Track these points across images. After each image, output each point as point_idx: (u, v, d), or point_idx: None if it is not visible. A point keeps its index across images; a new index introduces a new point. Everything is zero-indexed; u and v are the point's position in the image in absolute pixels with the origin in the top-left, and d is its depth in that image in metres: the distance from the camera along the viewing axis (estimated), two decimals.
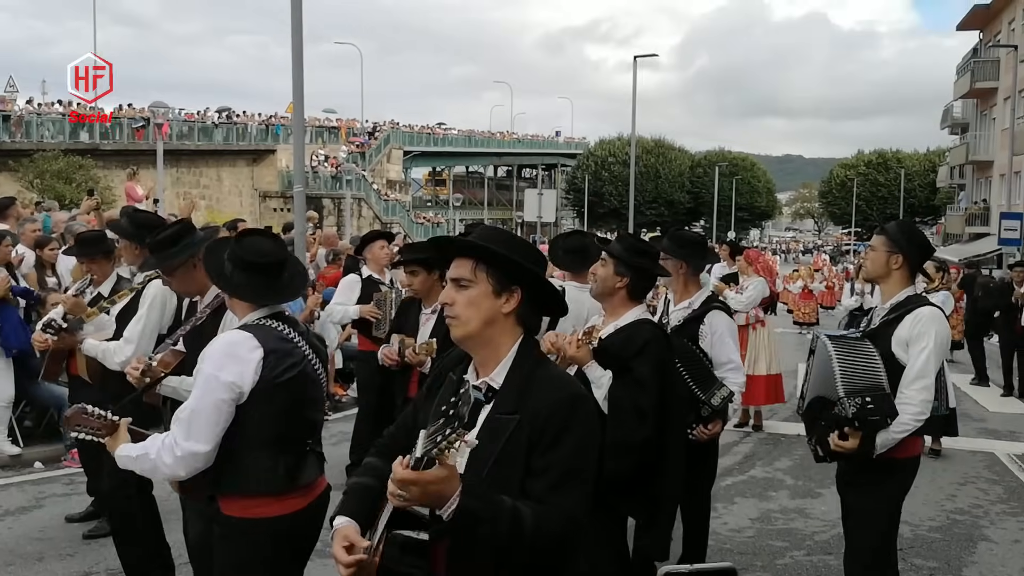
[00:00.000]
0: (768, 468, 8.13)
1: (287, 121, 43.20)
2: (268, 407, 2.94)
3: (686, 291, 4.83)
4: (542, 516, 2.08)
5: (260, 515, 2.97)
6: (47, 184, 23.25)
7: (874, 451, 3.74)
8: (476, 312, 2.27)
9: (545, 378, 2.26)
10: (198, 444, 2.88)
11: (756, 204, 76.37)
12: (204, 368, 2.92)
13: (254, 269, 3.10)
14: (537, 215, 21.60)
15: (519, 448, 2.16)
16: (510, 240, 2.38)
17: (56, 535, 5.86)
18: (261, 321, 3.07)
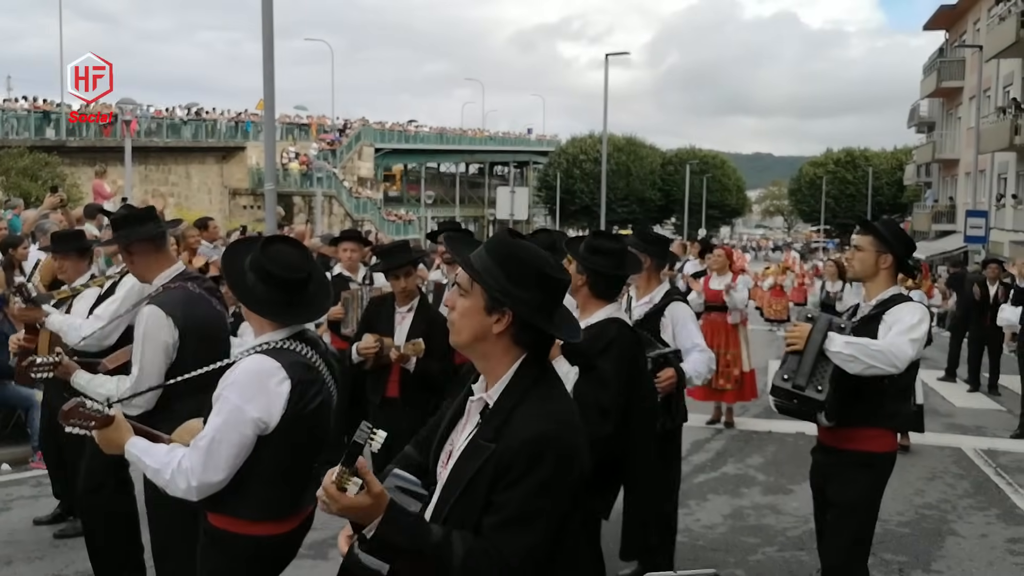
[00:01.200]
0: (740, 465, 8.19)
1: (257, 118, 42.86)
2: (286, 439, 2.84)
3: (648, 286, 4.96)
4: (474, 557, 2.04)
5: (248, 532, 2.91)
6: (12, 182, 22.83)
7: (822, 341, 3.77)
8: (468, 324, 2.22)
9: (530, 410, 2.14)
10: (215, 476, 2.78)
11: (727, 202, 76.90)
12: (229, 397, 2.79)
13: (279, 284, 2.90)
14: (509, 213, 21.62)
15: (484, 480, 2.11)
16: (514, 258, 2.20)
17: (24, 538, 5.78)
18: (285, 344, 2.90)
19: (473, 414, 2.28)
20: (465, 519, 2.11)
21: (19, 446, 7.66)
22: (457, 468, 2.20)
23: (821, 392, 3.78)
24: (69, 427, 2.91)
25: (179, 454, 2.84)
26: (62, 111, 32.62)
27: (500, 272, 2.17)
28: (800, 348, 3.86)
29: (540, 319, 2.18)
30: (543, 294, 2.20)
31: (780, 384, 3.91)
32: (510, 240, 2.25)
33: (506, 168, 77.81)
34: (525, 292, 2.17)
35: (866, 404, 3.87)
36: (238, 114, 43.62)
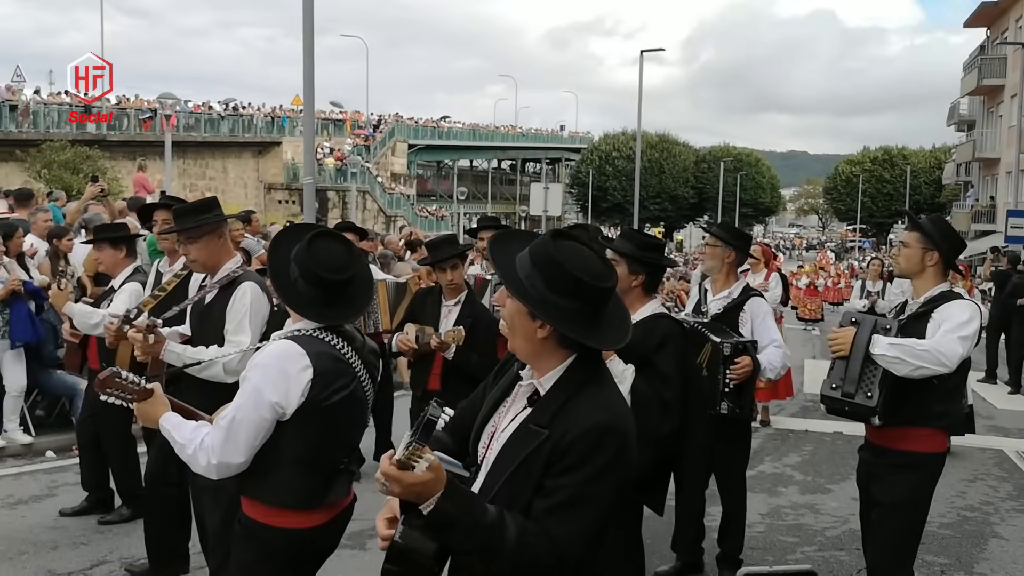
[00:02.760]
0: (777, 463, 8.14)
1: (293, 113, 43.23)
2: (307, 428, 2.85)
3: (727, 281, 5.06)
4: (527, 539, 2.07)
5: (281, 524, 2.92)
6: (54, 174, 23.21)
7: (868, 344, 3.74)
8: (516, 324, 2.25)
9: (588, 402, 2.17)
10: (235, 456, 2.82)
11: (760, 200, 76.20)
12: (252, 378, 2.83)
13: (321, 284, 2.90)
14: (543, 209, 21.62)
15: (537, 464, 2.13)
16: (554, 266, 2.16)
17: (69, 523, 5.88)
18: (317, 333, 2.91)
19: (520, 398, 2.30)
20: (513, 500, 2.14)
21: (63, 433, 7.79)
22: (505, 450, 2.22)
23: (871, 398, 3.75)
24: (105, 396, 2.95)
25: (204, 431, 2.88)
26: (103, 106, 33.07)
27: (540, 279, 2.17)
28: (846, 353, 3.82)
29: (577, 330, 2.17)
30: (582, 301, 2.17)
31: (829, 393, 3.89)
32: (552, 244, 2.21)
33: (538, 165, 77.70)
34: (563, 300, 2.15)
35: (915, 404, 3.82)
36: (274, 109, 43.99)
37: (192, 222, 4.03)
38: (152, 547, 4.88)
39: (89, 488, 6.11)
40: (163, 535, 4.83)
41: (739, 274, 5.28)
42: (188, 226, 4.04)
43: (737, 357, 4.58)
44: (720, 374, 4.62)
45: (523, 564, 2.09)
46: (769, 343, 4.93)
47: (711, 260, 5.13)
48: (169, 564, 4.85)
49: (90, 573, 5.11)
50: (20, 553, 5.35)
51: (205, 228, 4.03)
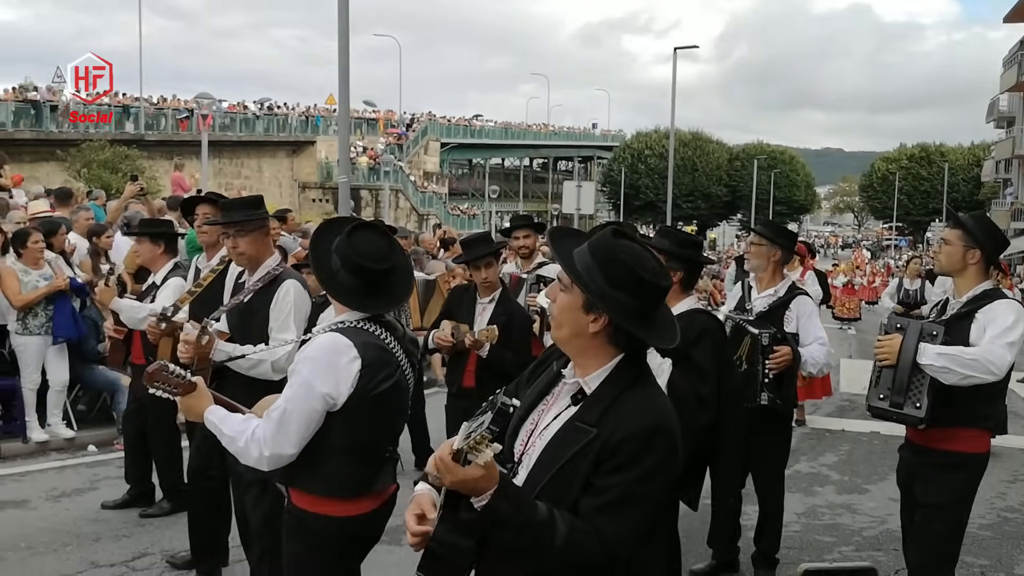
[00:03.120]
0: (813, 463, 8.07)
1: (326, 113, 43.55)
2: (356, 418, 2.90)
3: (772, 279, 5.05)
4: (577, 537, 2.07)
5: (329, 513, 2.97)
6: (94, 174, 23.58)
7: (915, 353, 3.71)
8: (567, 319, 2.24)
9: (636, 401, 2.18)
10: (286, 447, 2.86)
11: (794, 198, 75.56)
12: (302, 371, 2.87)
13: (362, 273, 2.96)
14: (575, 207, 21.59)
15: (585, 463, 2.13)
16: (612, 260, 2.19)
17: (111, 516, 5.98)
18: (361, 324, 2.97)
19: (564, 396, 2.29)
20: (558, 498, 2.13)
21: (104, 428, 7.93)
22: (551, 448, 2.21)
23: (920, 408, 3.72)
24: (153, 389, 3.00)
25: (253, 424, 2.93)
26: (140, 106, 33.56)
27: (599, 273, 2.18)
28: (892, 363, 3.79)
29: (635, 324, 2.19)
30: (640, 299, 2.19)
31: (877, 404, 3.87)
32: (613, 241, 2.24)
33: (570, 163, 77.61)
34: (622, 296, 2.17)
35: (962, 406, 3.77)
36: (308, 108, 44.34)
37: (245, 215, 4.10)
38: (194, 539, 4.95)
39: (132, 481, 6.21)
40: (205, 528, 4.89)
41: (784, 272, 5.24)
42: (242, 218, 4.10)
43: (776, 347, 4.57)
44: (760, 364, 4.62)
45: (572, 563, 2.08)
46: (814, 340, 4.92)
47: (757, 259, 5.10)
48: (210, 556, 4.92)
49: (132, 565, 5.20)
50: (64, 545, 5.46)
51: (256, 222, 4.10)
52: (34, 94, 29.50)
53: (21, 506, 6.13)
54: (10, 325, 7.38)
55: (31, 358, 7.35)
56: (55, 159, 26.60)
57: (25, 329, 7.29)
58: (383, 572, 5.07)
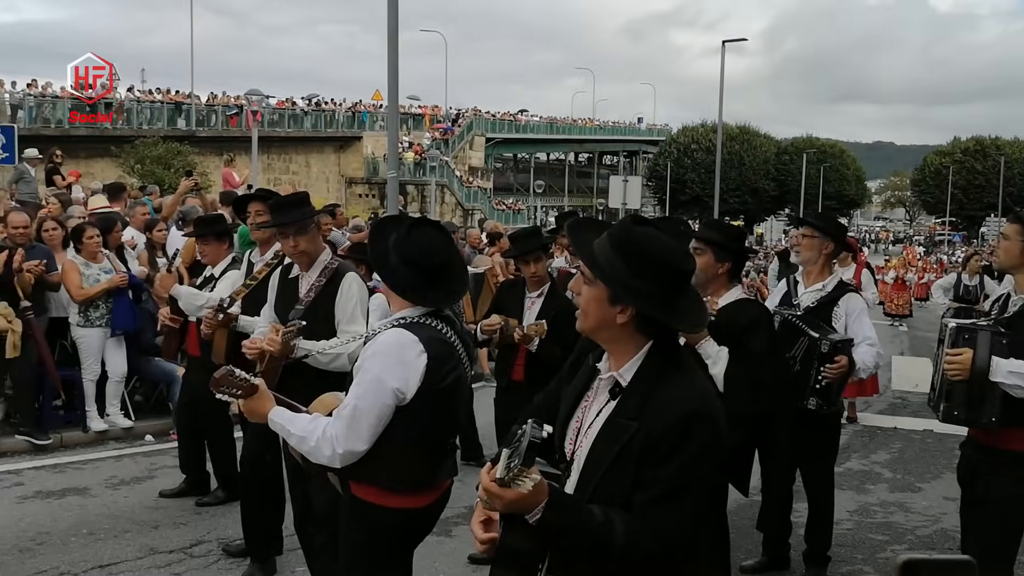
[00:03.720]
0: (865, 461, 7.98)
1: (373, 108, 43.86)
2: (422, 412, 2.95)
3: (821, 274, 4.94)
4: (635, 534, 2.07)
5: (392, 505, 3.02)
6: (147, 169, 24.05)
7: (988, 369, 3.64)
8: (593, 311, 2.24)
9: (672, 389, 2.17)
10: (358, 444, 2.90)
11: (844, 192, 74.42)
12: (371, 368, 2.91)
13: (423, 269, 3.01)
14: (621, 202, 21.51)
15: (632, 457, 2.13)
16: (633, 249, 2.20)
17: (169, 504, 6.13)
18: (423, 320, 3.02)
19: (602, 392, 2.29)
20: (611, 496, 2.14)
21: (161, 419, 8.11)
22: (597, 447, 2.21)
23: (995, 421, 3.68)
24: (219, 394, 3.07)
25: (323, 422, 2.97)
26: (192, 103, 34.11)
27: (622, 263, 2.18)
28: (965, 378, 3.72)
29: (661, 311, 2.18)
30: (665, 285, 2.19)
31: (951, 419, 3.84)
32: (634, 229, 2.24)
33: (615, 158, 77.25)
34: (646, 284, 2.17)
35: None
36: (354, 104, 44.70)
37: (301, 214, 4.16)
38: (248, 529, 5.04)
39: (187, 471, 6.35)
40: (258, 517, 4.98)
41: (833, 267, 5.17)
42: (298, 218, 4.17)
43: (836, 356, 4.52)
44: (813, 369, 4.57)
45: (634, 560, 2.09)
46: (863, 341, 4.81)
47: (808, 251, 4.96)
48: (264, 546, 5.01)
49: (190, 552, 5.33)
50: (124, 531, 5.61)
51: (309, 221, 4.17)
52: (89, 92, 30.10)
53: (82, 493, 6.30)
54: (71, 318, 7.58)
55: (91, 350, 7.54)
56: (109, 155, 27.15)
57: (87, 321, 7.48)
58: (434, 563, 5.15)
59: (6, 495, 6.10)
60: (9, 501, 6.01)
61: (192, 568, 5.09)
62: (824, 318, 4.77)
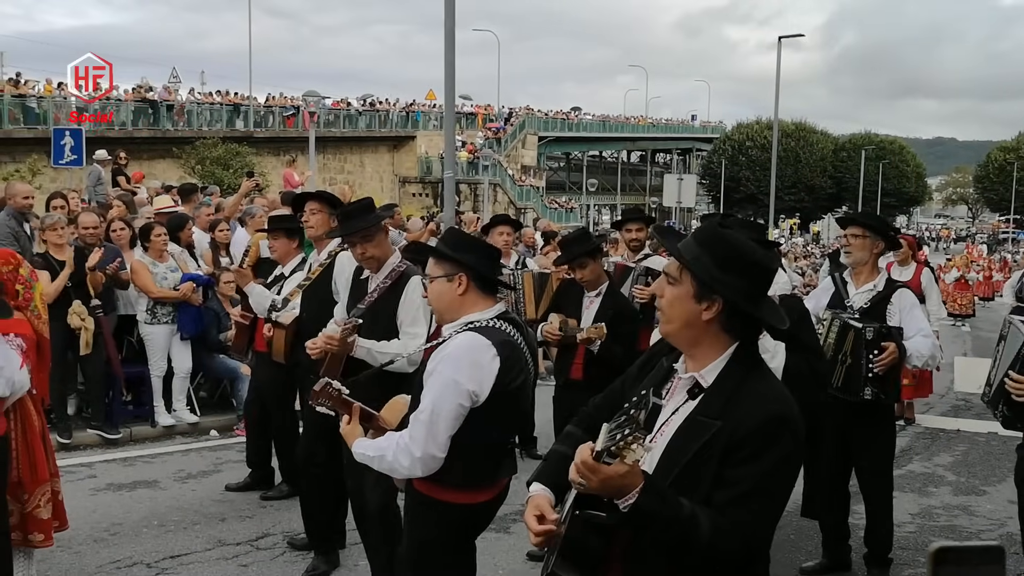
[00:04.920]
0: (927, 463, 7.85)
1: (426, 108, 44.17)
2: (492, 413, 3.01)
3: (871, 273, 4.94)
4: (720, 530, 2.06)
5: (457, 501, 3.09)
6: (207, 170, 24.56)
7: None
8: (678, 312, 2.24)
9: (758, 391, 2.17)
10: (436, 448, 2.95)
11: (904, 189, 73.00)
12: (444, 371, 2.96)
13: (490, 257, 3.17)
14: (676, 200, 21.41)
15: (713, 455, 2.13)
16: (719, 246, 2.23)
17: (235, 498, 6.28)
18: (493, 323, 3.07)
19: (679, 391, 2.28)
20: (687, 494, 2.12)
21: (225, 414, 8.31)
22: (675, 444, 2.20)
23: None
24: (319, 407, 3.18)
25: (395, 436, 3.05)
26: (250, 104, 34.72)
27: (710, 260, 2.19)
28: None
29: (749, 306, 2.20)
30: (751, 282, 2.21)
31: (1011, 426, 3.82)
32: (719, 229, 2.28)
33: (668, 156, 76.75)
34: (734, 279, 2.18)
35: None
36: (408, 104, 45.06)
37: (367, 221, 4.26)
38: (308, 523, 5.16)
39: (252, 465, 6.50)
40: (317, 512, 5.08)
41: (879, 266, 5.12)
42: (364, 225, 4.26)
43: (881, 342, 4.52)
44: (863, 359, 4.55)
45: (714, 557, 2.08)
46: (916, 332, 4.79)
47: (859, 251, 4.89)
48: (327, 539, 5.12)
49: (256, 544, 5.46)
50: (193, 524, 5.77)
51: (375, 228, 4.27)
52: (151, 94, 30.84)
53: (152, 486, 6.49)
54: (139, 315, 7.80)
55: (158, 346, 7.76)
56: (171, 156, 27.75)
57: (154, 319, 7.70)
58: (493, 559, 5.21)
59: (80, 487, 6.31)
60: (83, 493, 6.21)
61: (259, 560, 5.23)
62: (878, 317, 4.75)
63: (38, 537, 4.41)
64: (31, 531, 4.38)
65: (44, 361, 4.62)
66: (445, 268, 3.13)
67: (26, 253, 6.91)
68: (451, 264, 3.12)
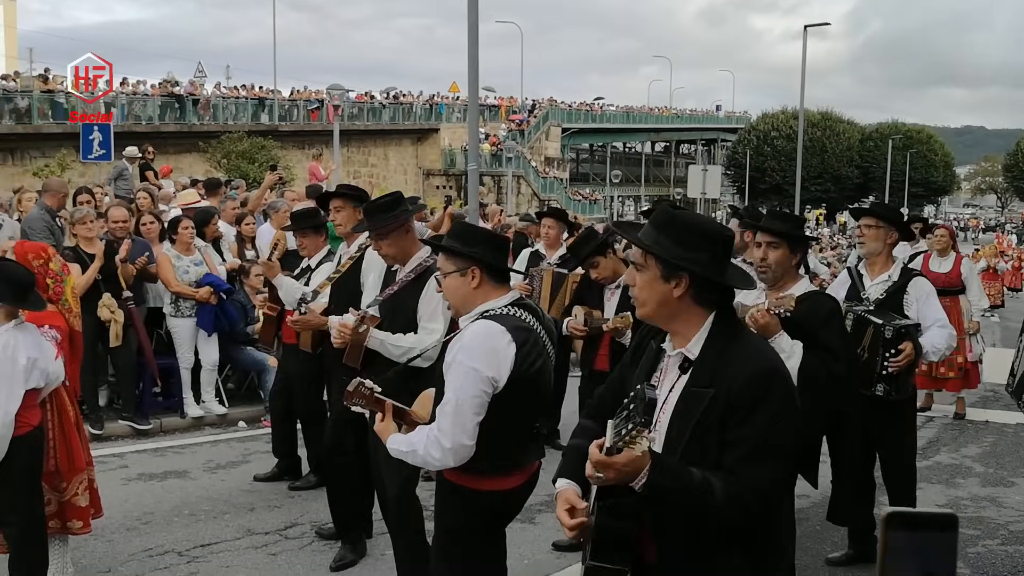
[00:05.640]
0: (955, 454, 7.80)
1: (450, 100, 44.18)
2: (512, 398, 3.04)
3: (886, 263, 4.91)
4: (731, 488, 2.15)
5: (485, 488, 3.12)
6: (232, 164, 24.75)
7: None
8: (650, 294, 2.36)
9: (741, 351, 2.29)
10: (464, 437, 2.98)
11: (932, 179, 72.08)
12: (463, 360, 3.00)
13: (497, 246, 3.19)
14: (701, 191, 21.32)
15: (713, 421, 2.23)
16: (676, 226, 2.37)
17: (263, 488, 6.36)
18: (507, 310, 3.11)
19: (671, 370, 2.40)
20: (697, 465, 2.21)
21: (253, 406, 8.40)
22: (676, 419, 2.31)
23: None
24: (353, 406, 3.22)
25: (425, 430, 3.09)
26: (274, 98, 34.90)
27: (669, 240, 2.33)
28: None
29: (715, 274, 2.33)
30: (711, 252, 2.34)
31: None
32: (672, 211, 2.47)
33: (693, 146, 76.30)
34: (695, 254, 2.32)
35: None
36: (432, 97, 45.10)
37: (381, 220, 4.29)
38: (336, 513, 5.22)
39: (279, 455, 6.58)
40: (344, 502, 5.14)
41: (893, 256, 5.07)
42: (378, 224, 4.30)
43: (899, 342, 4.48)
44: (879, 355, 4.53)
45: (731, 517, 2.17)
46: (933, 323, 4.77)
47: (873, 242, 4.88)
48: (354, 528, 5.18)
49: (285, 533, 5.54)
50: (223, 513, 5.86)
51: (392, 225, 4.27)
52: (178, 88, 31.08)
53: (182, 476, 6.59)
54: (165, 308, 7.89)
55: (185, 339, 7.84)
56: (197, 150, 27.97)
57: (177, 312, 7.78)
58: (519, 549, 5.24)
59: (112, 477, 6.42)
60: (115, 483, 6.32)
61: (287, 549, 5.30)
62: (895, 307, 4.72)
63: (77, 524, 4.51)
64: (70, 519, 4.48)
65: (76, 354, 4.70)
66: (457, 263, 3.16)
67: (58, 247, 7.02)
68: (462, 259, 3.15)
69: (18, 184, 14.67)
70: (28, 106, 26.17)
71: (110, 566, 4.98)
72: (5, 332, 3.93)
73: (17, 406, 3.90)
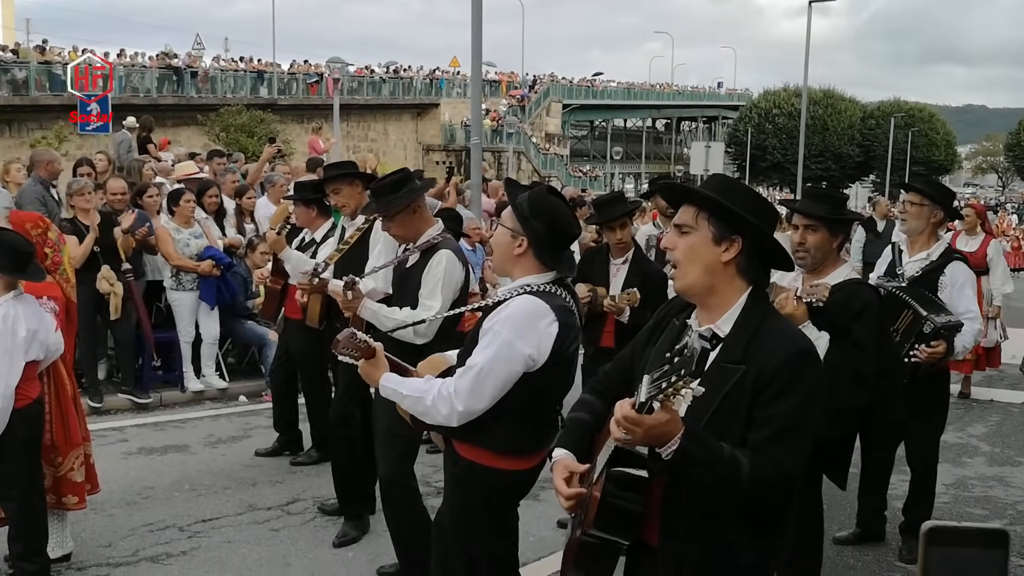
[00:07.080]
0: (961, 434, 7.75)
1: (450, 75, 43.87)
2: (544, 379, 2.96)
3: (928, 242, 4.76)
4: (758, 466, 2.10)
5: (503, 467, 3.05)
6: (231, 137, 24.53)
7: None
8: (695, 261, 2.26)
9: (775, 331, 2.23)
10: (480, 403, 2.90)
11: (933, 158, 71.74)
12: (503, 333, 2.89)
13: (560, 234, 3.01)
14: (703, 168, 21.18)
15: (742, 398, 2.16)
16: (736, 190, 2.34)
17: (264, 463, 6.31)
18: (550, 288, 3.00)
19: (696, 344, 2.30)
20: (720, 440, 2.14)
21: (253, 380, 8.34)
22: (699, 397, 2.17)
23: None
24: (341, 356, 3.12)
25: (437, 383, 2.98)
26: (273, 71, 34.62)
27: (727, 200, 2.26)
28: None
29: (768, 240, 2.28)
30: (767, 221, 2.30)
31: None
32: (731, 179, 2.44)
33: (694, 124, 75.95)
34: (757, 217, 2.27)
35: None
36: (432, 71, 44.78)
37: (387, 202, 4.18)
38: (339, 487, 5.17)
39: (280, 430, 6.52)
40: (349, 476, 5.09)
41: (939, 235, 4.92)
42: (383, 206, 4.21)
43: (935, 339, 4.37)
44: (908, 343, 4.43)
45: (756, 494, 2.11)
46: (964, 314, 4.62)
47: (915, 220, 4.74)
48: (357, 504, 5.12)
49: (287, 509, 5.49)
50: (224, 488, 5.80)
51: (397, 207, 4.17)
52: (176, 61, 30.80)
53: (183, 451, 6.53)
54: (166, 281, 7.81)
55: (185, 312, 7.77)
56: (195, 123, 27.74)
57: (178, 285, 7.70)
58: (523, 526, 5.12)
59: (112, 451, 6.36)
60: (115, 457, 6.26)
61: (289, 525, 5.24)
62: (929, 287, 4.60)
63: (72, 500, 4.45)
64: (65, 494, 4.42)
65: (71, 324, 4.64)
66: (514, 224, 3.03)
67: (54, 218, 6.91)
68: (521, 224, 3.00)
69: (16, 156, 14.54)
70: (25, 77, 25.92)
71: (110, 540, 4.92)
72: (5, 303, 3.84)
73: (17, 379, 3.83)
